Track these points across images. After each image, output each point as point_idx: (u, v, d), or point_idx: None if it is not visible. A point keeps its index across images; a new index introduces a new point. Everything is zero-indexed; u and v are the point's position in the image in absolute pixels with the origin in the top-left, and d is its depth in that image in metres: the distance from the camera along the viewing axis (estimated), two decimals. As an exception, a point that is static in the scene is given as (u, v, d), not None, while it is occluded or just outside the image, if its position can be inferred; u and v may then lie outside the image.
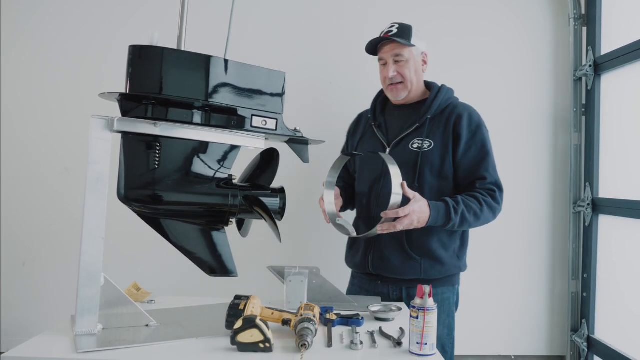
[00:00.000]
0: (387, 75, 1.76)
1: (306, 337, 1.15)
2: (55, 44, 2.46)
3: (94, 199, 1.20)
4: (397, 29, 1.75)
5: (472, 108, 1.77)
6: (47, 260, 2.43)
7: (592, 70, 2.39)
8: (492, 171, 1.69)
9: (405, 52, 1.74)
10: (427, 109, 1.75)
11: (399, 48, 1.74)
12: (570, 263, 2.47)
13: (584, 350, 2.36)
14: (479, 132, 1.72)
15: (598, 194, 2.38)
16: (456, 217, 1.60)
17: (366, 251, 1.76)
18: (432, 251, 1.69)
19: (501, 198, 1.69)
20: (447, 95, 1.79)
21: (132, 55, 1.23)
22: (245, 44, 2.38)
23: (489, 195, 1.66)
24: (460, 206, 1.61)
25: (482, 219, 1.65)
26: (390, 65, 1.76)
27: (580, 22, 2.47)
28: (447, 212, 1.59)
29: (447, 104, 1.77)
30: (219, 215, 1.35)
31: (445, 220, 1.60)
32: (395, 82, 1.77)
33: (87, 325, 1.20)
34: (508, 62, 2.52)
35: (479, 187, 1.67)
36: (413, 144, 1.72)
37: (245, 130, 1.33)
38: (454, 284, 1.78)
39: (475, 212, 1.63)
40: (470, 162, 1.70)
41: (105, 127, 1.22)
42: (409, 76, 1.76)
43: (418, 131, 1.74)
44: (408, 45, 1.74)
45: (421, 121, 1.73)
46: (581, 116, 2.47)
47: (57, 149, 2.44)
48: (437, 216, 1.58)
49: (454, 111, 1.74)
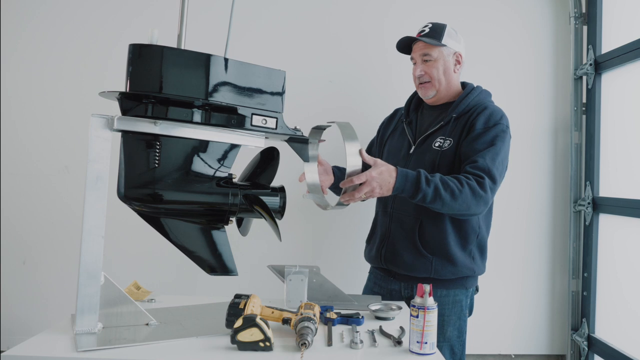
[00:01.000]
0: (414, 74, 1.80)
1: (306, 336, 1.15)
2: (56, 43, 2.45)
3: (94, 198, 1.20)
4: (429, 29, 1.77)
5: (501, 111, 1.70)
6: (48, 259, 2.43)
7: (593, 69, 2.38)
8: (488, 160, 1.56)
9: (434, 52, 1.75)
10: (454, 108, 1.73)
11: (427, 48, 1.75)
12: (570, 262, 2.46)
13: (584, 349, 2.36)
14: (494, 129, 1.62)
15: (598, 193, 2.38)
16: (428, 188, 1.47)
17: (380, 245, 1.78)
18: (445, 249, 1.65)
19: (490, 189, 1.55)
20: (480, 96, 1.76)
21: (132, 54, 1.23)
22: (244, 42, 2.38)
23: (475, 181, 1.53)
24: (435, 179, 1.49)
25: (460, 202, 1.50)
26: (419, 65, 1.78)
27: (580, 21, 2.46)
28: (417, 180, 1.47)
29: (477, 104, 1.72)
30: (219, 214, 1.35)
31: (414, 189, 1.47)
32: (423, 81, 1.78)
33: (87, 324, 1.20)
34: (508, 61, 2.52)
35: (467, 170, 1.56)
36: (435, 142, 1.71)
37: (246, 129, 1.33)
38: (468, 287, 1.73)
39: (453, 190, 1.48)
40: (470, 149, 1.61)
41: (105, 126, 1.21)
42: (437, 75, 1.76)
43: (442, 129, 1.72)
44: (437, 45, 1.74)
45: (446, 120, 1.72)
46: (582, 115, 2.47)
47: (57, 147, 2.44)
48: (404, 183, 1.46)
49: (477, 109, 1.69)
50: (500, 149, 1.61)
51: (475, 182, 1.53)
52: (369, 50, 2.48)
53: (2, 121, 2.42)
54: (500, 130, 1.64)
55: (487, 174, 1.55)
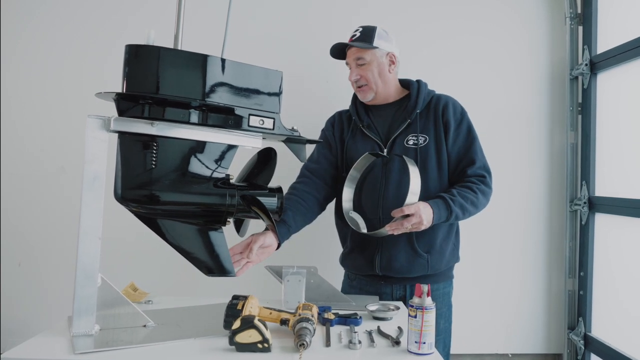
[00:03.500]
0: (350, 78, 1.83)
1: (305, 337, 1.15)
2: (54, 44, 2.44)
3: (91, 199, 1.20)
4: (360, 33, 1.79)
5: (452, 97, 1.82)
6: (44, 261, 2.42)
7: (588, 69, 2.39)
8: (480, 155, 1.74)
9: (367, 55, 1.77)
10: (414, 104, 1.77)
11: (359, 52, 1.78)
12: (566, 261, 2.47)
13: (581, 348, 2.37)
14: (464, 119, 1.77)
15: (594, 193, 2.39)
16: (455, 207, 1.62)
17: (374, 253, 1.75)
18: (437, 245, 1.73)
19: (491, 181, 1.73)
20: (427, 89, 1.83)
21: (128, 55, 1.22)
22: (240, 43, 2.37)
23: (480, 182, 1.70)
24: (456, 197, 1.64)
25: (479, 206, 1.69)
26: (354, 69, 1.80)
27: (576, 21, 2.47)
28: (446, 204, 1.61)
29: (430, 96, 1.81)
30: (216, 215, 1.35)
31: (448, 212, 1.61)
32: (360, 84, 1.81)
33: (85, 326, 1.20)
34: (504, 61, 2.53)
35: (470, 174, 1.71)
36: (408, 140, 1.74)
37: (243, 129, 1.33)
38: (451, 277, 1.85)
39: (472, 200, 1.65)
40: (460, 149, 1.74)
41: (102, 127, 1.21)
42: (372, 78, 1.79)
43: (410, 127, 1.76)
44: (369, 48, 1.76)
45: (411, 117, 1.76)
46: (577, 115, 2.48)
47: (54, 148, 2.43)
48: (439, 211, 1.60)
49: (438, 102, 1.78)
50: (477, 136, 1.77)
51: (481, 184, 1.69)
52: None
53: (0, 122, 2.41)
54: (467, 116, 1.79)
55: (486, 170, 1.73)
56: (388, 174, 1.74)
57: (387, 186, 1.73)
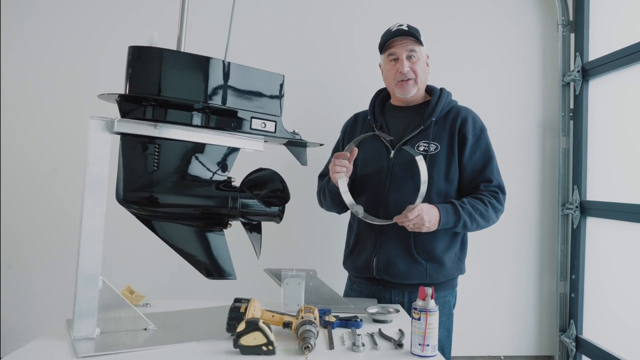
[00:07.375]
0: (401, 70, 1.73)
1: (309, 340, 1.15)
2: (52, 44, 2.41)
3: (93, 201, 1.19)
4: (407, 27, 1.75)
5: (474, 112, 1.79)
6: (36, 264, 2.37)
7: (580, 75, 2.43)
8: (496, 174, 1.72)
9: (418, 50, 1.74)
10: (431, 112, 1.74)
11: (412, 44, 1.73)
12: (558, 264, 2.51)
13: (572, 350, 2.40)
14: (482, 135, 1.74)
15: (586, 197, 2.43)
16: (464, 214, 1.61)
17: (371, 255, 1.73)
18: (437, 254, 1.69)
19: (504, 200, 1.71)
20: (449, 98, 1.80)
21: (131, 56, 1.22)
22: (240, 46, 2.37)
23: (493, 197, 1.68)
24: (466, 205, 1.63)
25: (488, 220, 1.67)
26: (404, 61, 1.72)
27: (568, 29, 2.52)
28: (455, 210, 1.60)
29: (450, 107, 1.77)
30: (218, 218, 1.34)
31: (455, 219, 1.60)
32: (409, 77, 1.73)
33: (85, 329, 1.18)
34: (497, 67, 2.56)
35: (483, 189, 1.69)
36: (419, 146, 1.71)
37: (245, 132, 1.33)
38: (454, 286, 1.80)
39: (482, 212, 1.64)
40: (476, 165, 1.71)
41: (105, 129, 1.20)
42: (421, 73, 1.75)
43: (423, 134, 1.73)
44: (420, 44, 1.74)
45: (426, 124, 1.73)
46: (569, 120, 2.52)
47: (49, 149, 2.39)
48: (446, 216, 1.59)
49: (458, 114, 1.74)
50: (494, 155, 1.75)
51: (494, 199, 1.68)
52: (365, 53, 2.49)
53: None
54: (486, 134, 1.76)
55: (500, 189, 1.71)
56: (392, 180, 1.72)
57: (389, 193, 1.71)
